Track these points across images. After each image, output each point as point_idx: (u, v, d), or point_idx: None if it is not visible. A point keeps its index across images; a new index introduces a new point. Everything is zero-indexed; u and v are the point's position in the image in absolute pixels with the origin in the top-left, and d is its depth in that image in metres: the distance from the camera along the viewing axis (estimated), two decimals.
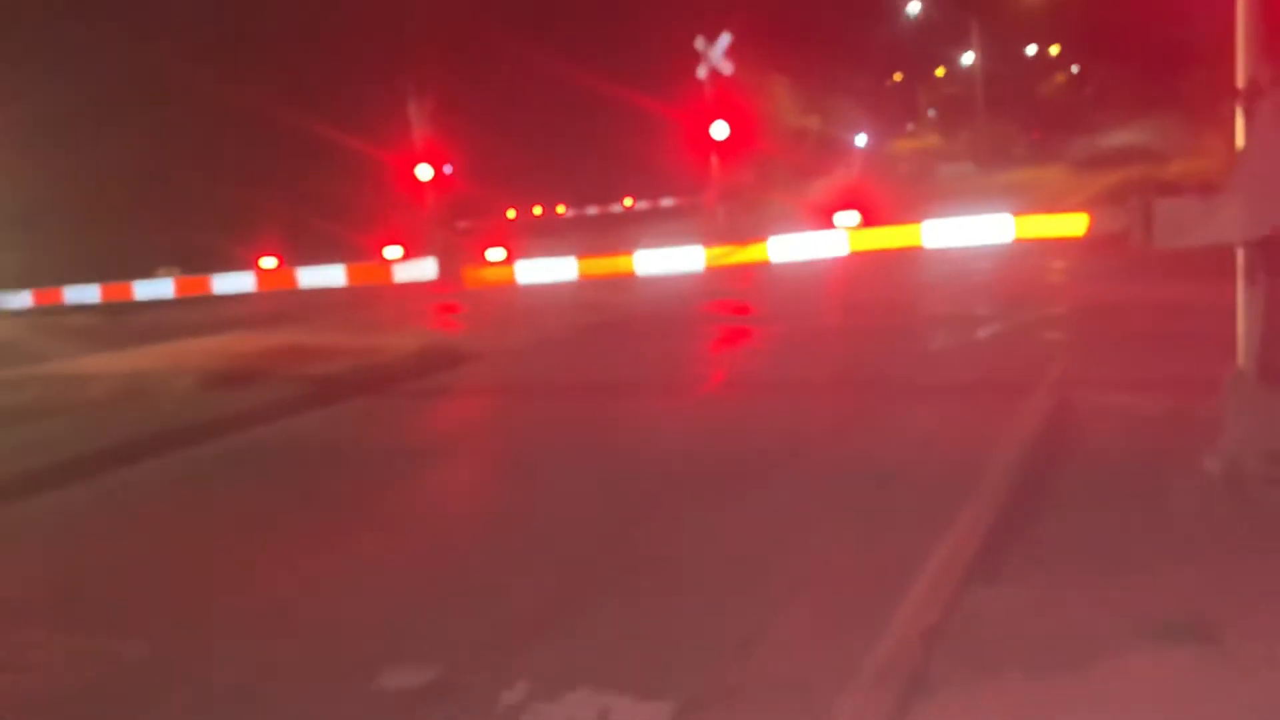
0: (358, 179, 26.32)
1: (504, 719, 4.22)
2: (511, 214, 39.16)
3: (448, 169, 31.45)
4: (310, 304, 20.56)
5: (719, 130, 24.43)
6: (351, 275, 11.02)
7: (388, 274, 10.67)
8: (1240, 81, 5.52)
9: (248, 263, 12.58)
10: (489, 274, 9.95)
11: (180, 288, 12.73)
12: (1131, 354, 9.83)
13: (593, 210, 38.21)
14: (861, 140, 48.76)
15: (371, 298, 20.93)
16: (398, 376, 12.40)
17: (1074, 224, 7.41)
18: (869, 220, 9.22)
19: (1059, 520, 5.70)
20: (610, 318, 16.50)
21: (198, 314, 21.59)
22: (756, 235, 9.10)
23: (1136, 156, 32.46)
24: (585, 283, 17.86)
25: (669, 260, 9.57)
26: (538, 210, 39.08)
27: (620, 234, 28.21)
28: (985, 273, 16.34)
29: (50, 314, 19.38)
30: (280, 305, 20.65)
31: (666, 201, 36.13)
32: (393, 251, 10.98)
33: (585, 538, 6.39)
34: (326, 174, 26.60)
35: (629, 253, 9.44)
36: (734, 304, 17.29)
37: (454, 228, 28.26)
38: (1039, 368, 9.39)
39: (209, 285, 12.19)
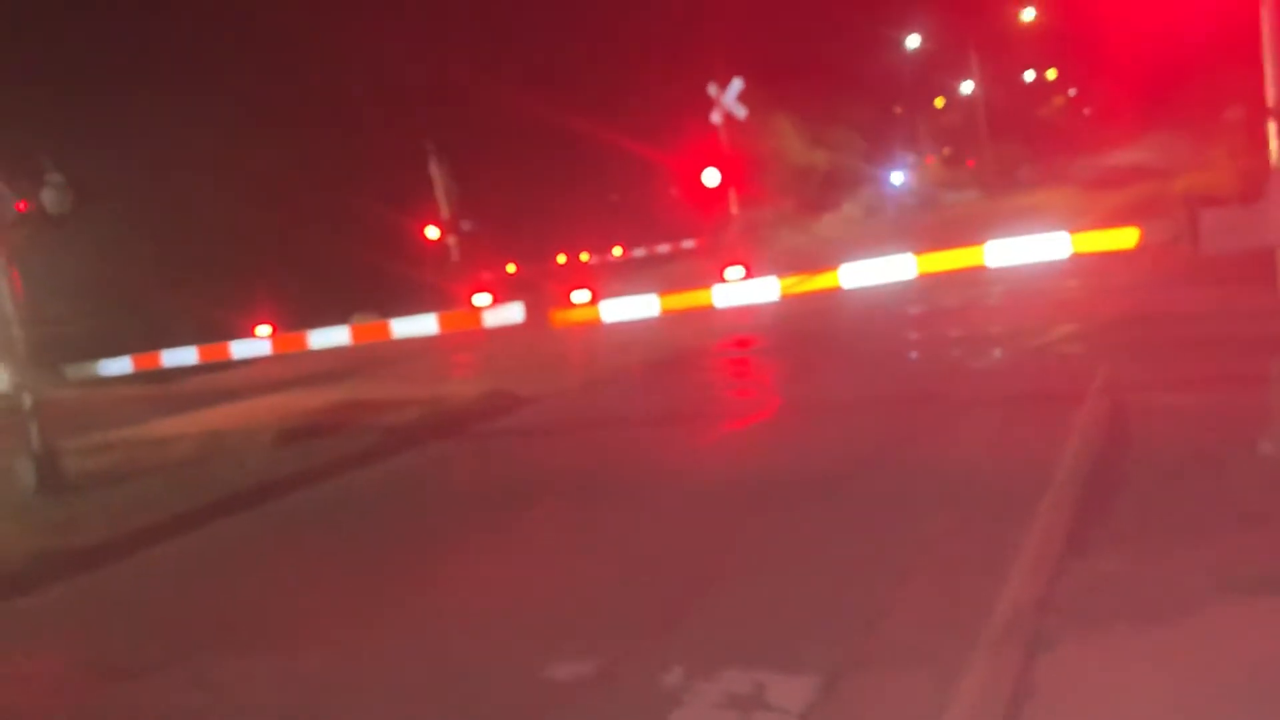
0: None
1: (669, 698, 4.76)
2: (511, 268, 39.64)
3: (467, 225, 32.26)
4: (340, 365, 21.24)
5: (734, 174, 25.14)
6: (443, 323, 11.61)
7: (478, 320, 11.23)
8: (1271, 99, 6.16)
9: (340, 318, 13.27)
10: (575, 315, 10.51)
11: (277, 345, 13.34)
12: (1168, 359, 10.35)
13: (616, 255, 39.10)
14: (898, 178, 48.56)
15: (398, 353, 21.63)
16: (464, 421, 13.02)
17: (1126, 237, 8.01)
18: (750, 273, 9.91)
19: (1132, 501, 6.28)
20: (645, 356, 17.07)
21: (235, 379, 22.25)
22: (826, 264, 9.67)
23: (1141, 174, 32.95)
24: (611, 327, 18.55)
25: (744, 292, 10.15)
26: (562, 259, 39.97)
27: (651, 276, 28.96)
28: (1000, 295, 17.08)
29: (100, 384, 20.04)
30: (313, 367, 21.32)
31: (687, 244, 36.93)
32: (482, 299, 11.53)
33: (697, 542, 7.03)
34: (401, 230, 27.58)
35: (707, 287, 10.02)
36: (757, 338, 17.87)
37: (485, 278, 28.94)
38: (1082, 377, 9.92)
39: (305, 341, 12.78)
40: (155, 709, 5.58)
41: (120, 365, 15.21)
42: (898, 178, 48.26)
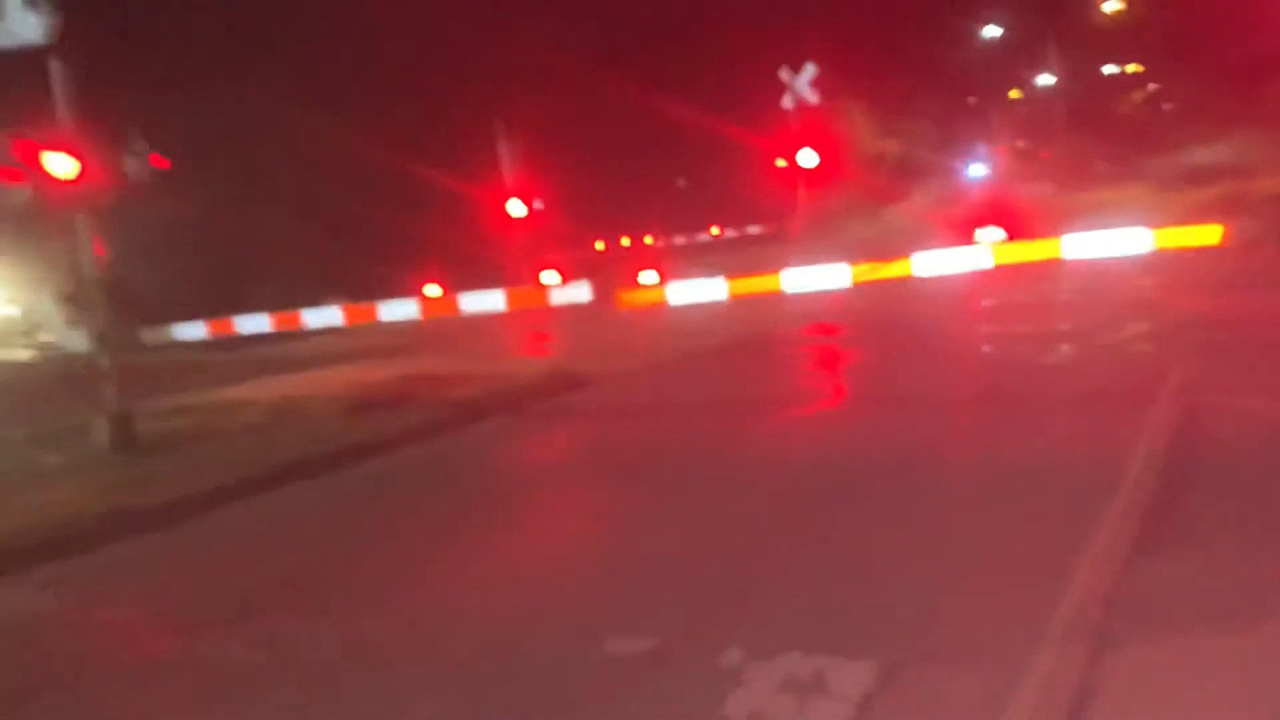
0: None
1: (727, 678, 4.76)
2: (600, 245, 39.93)
3: (538, 204, 32.41)
4: (408, 339, 21.51)
5: (806, 159, 24.94)
6: (511, 300, 11.74)
7: (545, 298, 11.31)
8: None
9: (412, 290, 13.48)
10: (642, 296, 10.54)
11: (349, 316, 13.59)
12: (1245, 362, 10.17)
13: (680, 240, 39.08)
14: (978, 170, 47.19)
15: (464, 330, 21.85)
16: (529, 398, 13.13)
17: (1209, 234, 7.85)
18: (1013, 235, 9.71)
19: (1202, 505, 6.17)
20: (708, 343, 17.07)
21: (301, 349, 22.61)
22: (897, 253, 9.61)
23: (1221, 173, 32.04)
24: (674, 312, 18.70)
25: (814, 278, 10.11)
26: (626, 241, 40.04)
27: (719, 261, 28.91)
28: (1073, 291, 16.77)
29: (175, 348, 20.50)
30: (382, 340, 21.61)
31: (753, 229, 36.80)
32: (550, 277, 11.64)
33: (758, 526, 7.05)
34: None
35: (775, 271, 9.99)
36: (827, 326, 17.78)
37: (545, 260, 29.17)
38: (1155, 377, 9.77)
39: (376, 313, 13.01)
40: (220, 663, 5.71)
41: (195, 330, 15.56)
42: (978, 170, 47.18)
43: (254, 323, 14.57)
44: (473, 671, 5.22)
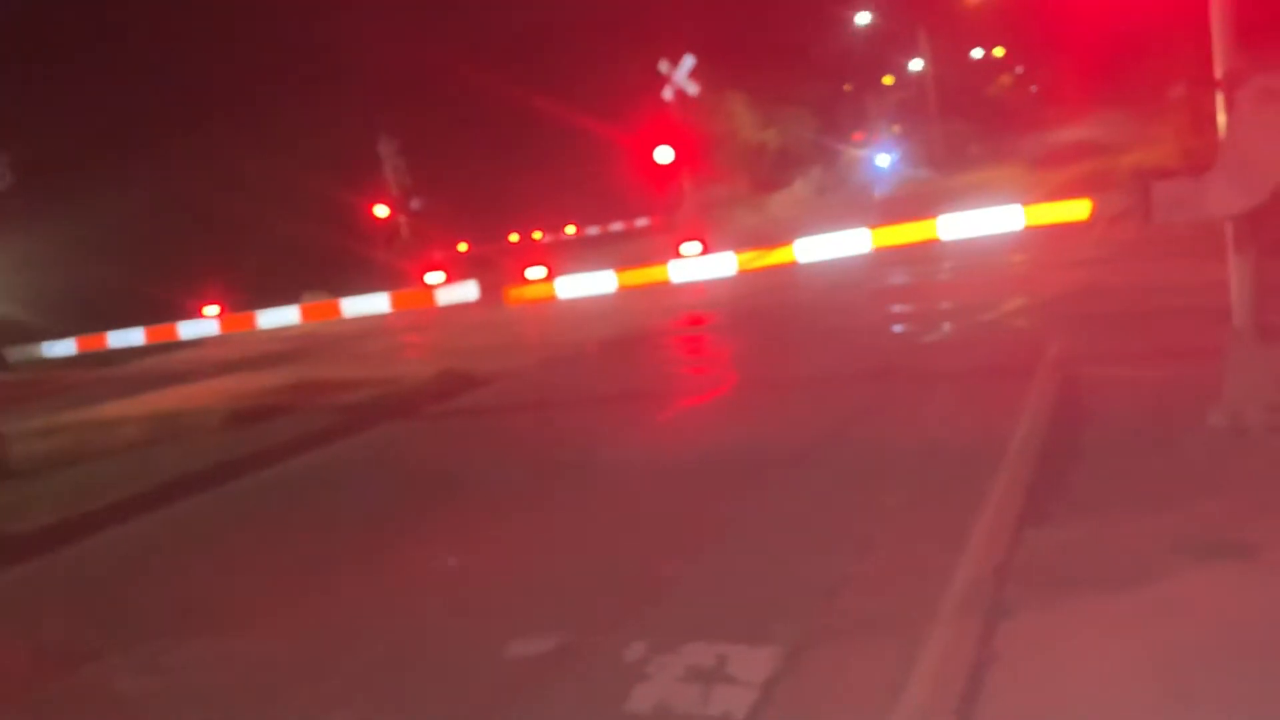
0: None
1: (631, 673, 4.73)
2: (463, 247, 39.35)
3: (417, 204, 31.97)
4: (291, 345, 20.99)
5: (687, 151, 25.06)
6: (395, 302, 11.54)
7: (430, 299, 11.13)
8: (1219, 71, 6.21)
9: (290, 298, 13.14)
10: (530, 291, 10.46)
11: (225, 325, 13.21)
12: (1118, 332, 10.50)
13: (570, 234, 38.99)
14: (884, 160, 46.45)
15: (350, 333, 21.42)
16: (420, 401, 12.90)
17: (1078, 209, 8.16)
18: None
19: (1086, 473, 6.33)
20: (599, 335, 17.03)
21: (183, 360, 21.91)
22: (781, 240, 9.75)
23: (1088, 151, 33.28)
24: (563, 307, 18.63)
25: (702, 267, 10.18)
26: (514, 238, 39.79)
27: (606, 253, 28.86)
28: (951, 271, 17.18)
29: (44, 367, 19.66)
30: (264, 348, 21.07)
31: (641, 222, 36.89)
32: (434, 277, 11.44)
33: (655, 518, 7.04)
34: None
35: (664, 263, 10.05)
36: (713, 314, 17.90)
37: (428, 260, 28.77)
38: (1034, 351, 10.02)
39: (253, 322, 12.66)
40: (108, 694, 5.47)
41: (64, 347, 14.97)
42: (884, 160, 47.18)
43: (127, 336, 14.06)
44: (373, 685, 5.10)
